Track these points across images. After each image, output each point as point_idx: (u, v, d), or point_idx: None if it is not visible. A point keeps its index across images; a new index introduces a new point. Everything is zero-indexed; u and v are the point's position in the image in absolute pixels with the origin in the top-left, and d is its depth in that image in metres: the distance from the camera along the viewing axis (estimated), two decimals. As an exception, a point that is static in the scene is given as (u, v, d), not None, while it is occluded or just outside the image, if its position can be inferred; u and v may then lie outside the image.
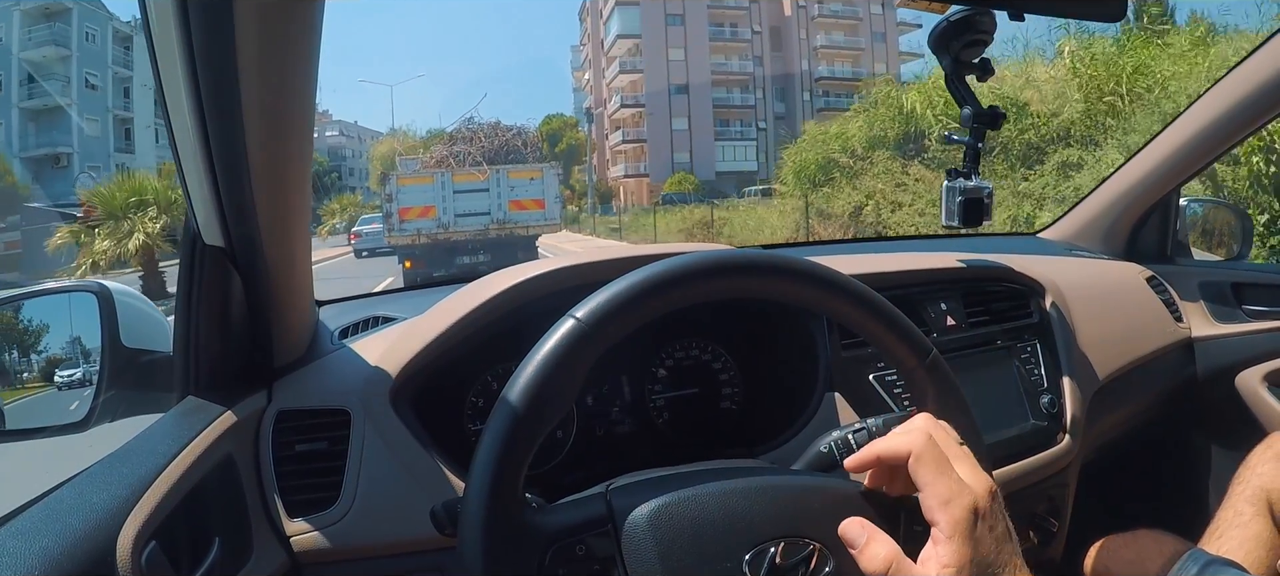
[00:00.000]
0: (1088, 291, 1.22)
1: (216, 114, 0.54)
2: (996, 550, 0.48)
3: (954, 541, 0.47)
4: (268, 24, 0.49)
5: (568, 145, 40.42)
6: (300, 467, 0.74)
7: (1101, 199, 1.49)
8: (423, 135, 45.19)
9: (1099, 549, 1.03)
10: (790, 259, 0.59)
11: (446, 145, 11.76)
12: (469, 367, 0.88)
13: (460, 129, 12.07)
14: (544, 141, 27.81)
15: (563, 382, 0.52)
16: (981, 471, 0.52)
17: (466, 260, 9.65)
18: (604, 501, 0.53)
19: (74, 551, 0.48)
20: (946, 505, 0.48)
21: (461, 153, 11.36)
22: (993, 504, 0.50)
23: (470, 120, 12.25)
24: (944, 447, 0.51)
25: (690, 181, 36.65)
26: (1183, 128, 1.29)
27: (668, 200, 28.61)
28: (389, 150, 30.73)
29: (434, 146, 12.09)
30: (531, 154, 12.03)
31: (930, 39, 0.95)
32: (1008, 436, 0.99)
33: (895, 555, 0.49)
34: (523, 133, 12.26)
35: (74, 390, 0.82)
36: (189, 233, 0.67)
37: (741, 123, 45.12)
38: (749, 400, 0.98)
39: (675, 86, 43.07)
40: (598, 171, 46.69)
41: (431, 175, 10.19)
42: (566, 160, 37.72)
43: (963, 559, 0.47)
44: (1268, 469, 0.98)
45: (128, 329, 0.80)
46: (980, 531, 0.48)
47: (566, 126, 43.34)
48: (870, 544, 0.50)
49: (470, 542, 0.49)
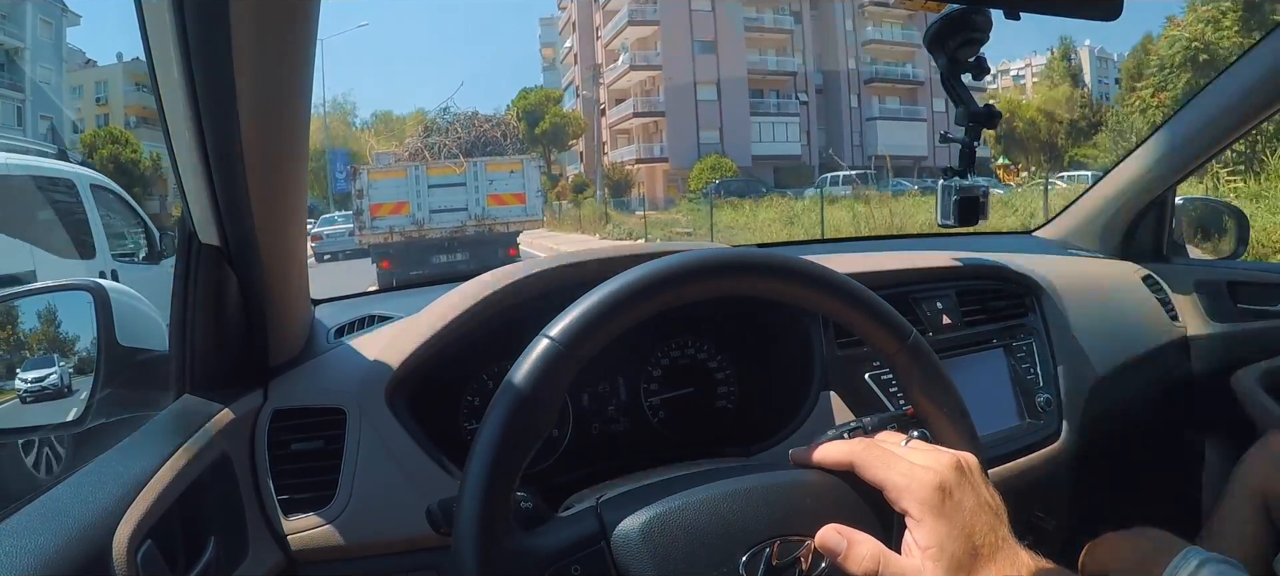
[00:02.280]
0: (1083, 290, 1.22)
1: (212, 112, 0.54)
2: (975, 519, 0.48)
3: (925, 521, 0.48)
4: (263, 21, 0.49)
5: (552, 125, 30.76)
6: (296, 466, 0.74)
7: (1097, 197, 1.49)
8: (366, 120, 39.19)
9: (1094, 547, 1.03)
10: (767, 255, 0.59)
11: (420, 137, 11.18)
12: (465, 366, 0.88)
13: (435, 119, 11.48)
14: (521, 121, 25.04)
15: (540, 406, 0.51)
16: (942, 450, 0.52)
17: (443, 259, 9.16)
18: (595, 517, 0.52)
19: (69, 550, 0.48)
20: (906, 490, 0.49)
21: (437, 144, 10.78)
22: (961, 476, 0.50)
23: (446, 110, 11.66)
24: (884, 444, 0.52)
25: (726, 167, 28.09)
26: (1178, 126, 1.29)
27: (724, 190, 21.56)
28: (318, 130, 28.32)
29: (407, 139, 11.53)
30: (511, 145, 11.45)
31: (925, 38, 0.96)
32: (1003, 435, 0.99)
33: (879, 552, 0.49)
34: (501, 123, 11.69)
35: (47, 402, 0.80)
36: (185, 231, 0.67)
37: (778, 94, 34.22)
38: (745, 399, 0.98)
39: (700, 42, 32.41)
40: (593, 161, 34.99)
41: (404, 169, 9.61)
42: (550, 143, 31.06)
43: (939, 536, 0.47)
44: (1263, 467, 0.98)
45: (123, 327, 0.80)
46: (950, 505, 0.48)
47: (547, 101, 32.14)
48: (852, 548, 0.49)
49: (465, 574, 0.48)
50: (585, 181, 32.81)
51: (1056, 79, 28.20)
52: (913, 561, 0.48)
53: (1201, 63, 14.46)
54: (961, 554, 0.47)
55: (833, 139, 34.00)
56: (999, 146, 25.96)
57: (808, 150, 33.63)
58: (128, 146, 23.68)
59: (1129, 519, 1.03)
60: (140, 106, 32.77)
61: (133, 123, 31.13)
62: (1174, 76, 15.27)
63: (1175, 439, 1.46)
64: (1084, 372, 1.12)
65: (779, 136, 33.82)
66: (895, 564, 0.48)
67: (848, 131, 34.16)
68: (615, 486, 0.58)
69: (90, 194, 4.16)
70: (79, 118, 30.74)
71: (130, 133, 26.42)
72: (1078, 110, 25.36)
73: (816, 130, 34.25)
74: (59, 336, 0.86)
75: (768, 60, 33.91)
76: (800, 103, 33.75)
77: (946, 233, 1.18)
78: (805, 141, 33.87)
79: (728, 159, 29.21)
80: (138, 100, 32.48)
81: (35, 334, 0.88)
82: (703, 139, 32.24)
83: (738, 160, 29.73)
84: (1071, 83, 27.75)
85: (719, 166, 27.74)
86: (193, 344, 0.71)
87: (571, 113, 33.87)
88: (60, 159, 4.32)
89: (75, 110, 31.15)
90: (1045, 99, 26.78)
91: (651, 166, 33.41)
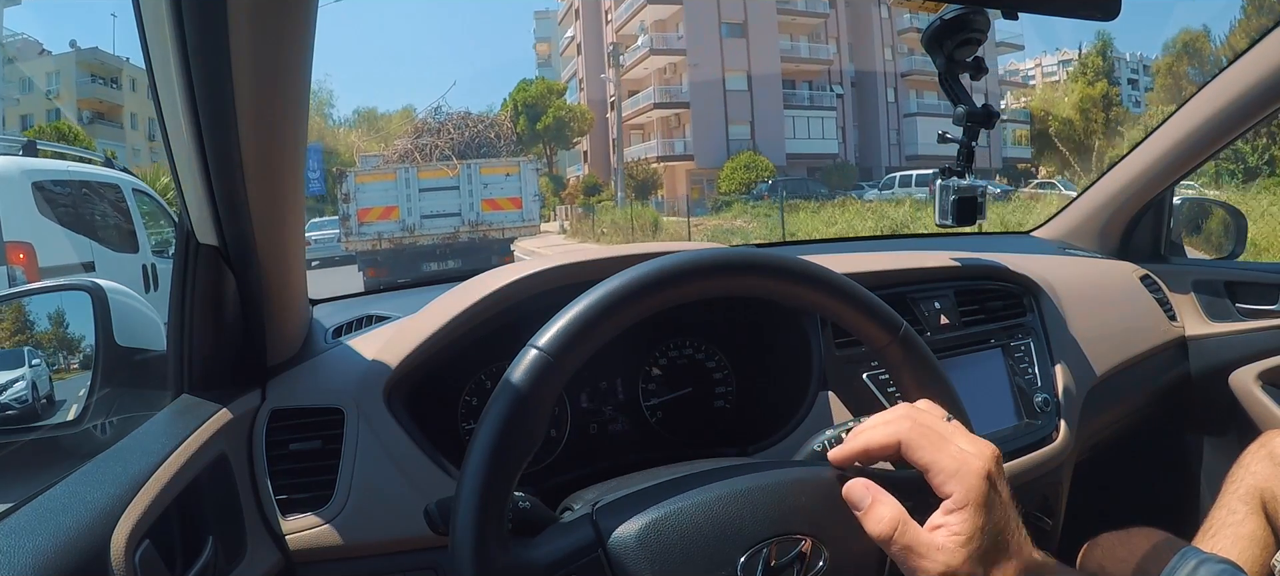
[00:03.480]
0: (1081, 290, 1.22)
1: (210, 112, 0.54)
2: (1006, 514, 0.48)
3: (968, 510, 0.47)
4: (261, 21, 0.49)
5: (554, 119, 27.36)
6: (294, 466, 0.74)
7: (1095, 197, 1.49)
8: (347, 117, 35.84)
9: (1093, 547, 1.03)
10: (756, 253, 0.59)
11: (411, 137, 10.80)
12: (463, 366, 0.88)
13: (427, 119, 11.12)
14: (521, 115, 23.85)
15: (530, 417, 0.51)
16: (980, 439, 0.51)
17: (434, 267, 8.67)
18: (591, 524, 0.52)
19: (67, 550, 0.48)
20: (954, 475, 0.48)
21: (428, 145, 10.30)
22: (1000, 470, 0.50)
23: (438, 109, 11.26)
24: (933, 425, 0.51)
25: (763, 166, 24.52)
26: (1176, 126, 1.30)
27: (785, 190, 17.55)
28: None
29: (394, 139, 11.01)
30: (505, 147, 10.95)
31: (923, 38, 0.96)
32: (1001, 435, 0.99)
33: (900, 516, 0.48)
34: (495, 123, 11.23)
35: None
36: (183, 231, 0.67)
37: (810, 86, 30.72)
38: (743, 399, 0.98)
39: (728, 25, 28.76)
40: (604, 159, 31.09)
41: (393, 171, 9.17)
42: (553, 141, 28.20)
43: (976, 525, 0.47)
44: (1261, 467, 0.99)
45: (121, 327, 0.80)
46: (991, 497, 0.48)
47: (550, 93, 28.58)
48: (875, 506, 0.49)
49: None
50: (597, 181, 29.18)
51: (1092, 75, 25.60)
52: (934, 538, 0.47)
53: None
54: (990, 547, 0.47)
55: (868, 136, 30.96)
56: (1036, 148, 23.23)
57: (844, 148, 30.43)
58: (78, 142, 18.83)
59: (1127, 518, 1.03)
60: (96, 100, 30.42)
61: (86, 118, 29.10)
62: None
63: (1173, 439, 1.46)
64: (1082, 373, 1.12)
65: (814, 132, 30.07)
66: (913, 532, 0.48)
67: (884, 128, 30.92)
68: (613, 492, 0.57)
69: (132, 196, 4.81)
70: (25, 114, 28.75)
71: (81, 128, 24.61)
72: (1113, 109, 23.84)
73: (852, 127, 30.97)
74: (59, 336, 0.86)
75: (800, 47, 30.44)
76: (836, 95, 30.44)
77: (945, 233, 1.18)
78: (841, 138, 30.60)
79: (763, 156, 25.76)
80: (93, 93, 30.35)
81: (36, 334, 0.88)
82: (732, 135, 28.52)
83: (771, 159, 26.22)
84: (1107, 80, 25.85)
85: (754, 165, 24.52)
86: (191, 344, 0.71)
87: (577, 106, 30.47)
88: (106, 166, 4.99)
89: (13, 102, 29.46)
90: (1083, 96, 24.71)
91: (672, 165, 29.45)
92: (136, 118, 31.61)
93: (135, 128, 31.79)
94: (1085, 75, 25.83)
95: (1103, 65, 26.02)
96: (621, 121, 28.18)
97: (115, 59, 31.26)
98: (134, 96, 31.19)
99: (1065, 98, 26.32)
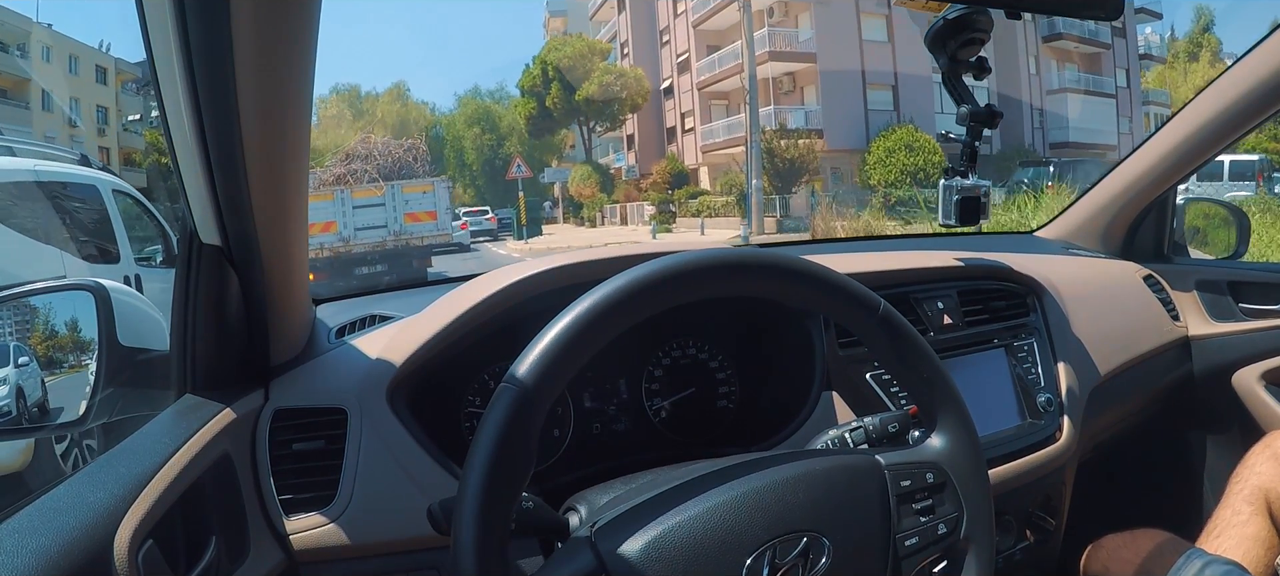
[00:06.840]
0: (1084, 290, 1.22)
1: (213, 112, 0.54)
2: None
3: None
4: (265, 20, 0.49)
5: (600, 85, 21.44)
6: (297, 466, 0.74)
7: (1098, 198, 1.49)
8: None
9: (1096, 548, 1.03)
10: (734, 253, 0.58)
11: (344, 163, 12.74)
12: (465, 366, 0.88)
13: (356, 146, 13.27)
14: (553, 82, 20.80)
15: (517, 448, 0.49)
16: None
17: (365, 271, 10.20)
18: (590, 548, 0.51)
19: (70, 550, 0.48)
20: None
21: (358, 170, 12.30)
22: None
23: (365, 139, 13.54)
24: None
25: (925, 146, 17.48)
26: (1179, 126, 1.29)
27: (1054, 180, 11.98)
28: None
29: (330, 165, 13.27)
30: (421, 168, 13.25)
31: (926, 38, 0.95)
32: (1005, 434, 0.99)
33: None
34: (414, 148, 13.56)
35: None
36: (186, 231, 0.67)
37: None
38: (746, 399, 0.98)
39: None
40: (656, 144, 24.06)
41: (332, 192, 10.77)
42: (594, 116, 22.58)
43: None
44: (1265, 468, 0.98)
45: (124, 327, 0.80)
46: None
47: (591, 53, 22.54)
48: None
49: None
50: (682, 168, 22.25)
51: (1210, 56, 22.57)
52: None
53: None
54: None
55: (1010, 117, 20.85)
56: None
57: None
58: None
59: (1130, 519, 1.03)
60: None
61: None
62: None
63: (1176, 439, 1.46)
64: (1085, 372, 1.11)
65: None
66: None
67: (1028, 109, 22.00)
68: (613, 507, 0.56)
69: (112, 199, 4.10)
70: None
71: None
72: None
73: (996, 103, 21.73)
74: (59, 337, 0.86)
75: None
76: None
77: (948, 232, 1.18)
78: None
79: (924, 133, 18.01)
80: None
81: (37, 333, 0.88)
82: (872, 104, 19.84)
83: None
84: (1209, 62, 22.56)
85: (917, 146, 17.45)
86: (194, 343, 0.71)
87: (630, 70, 23.33)
88: (82, 165, 4.23)
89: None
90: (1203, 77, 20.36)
91: (809, 141, 19.55)
92: (51, 98, 21.58)
93: (49, 109, 21.45)
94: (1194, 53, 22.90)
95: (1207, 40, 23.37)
96: (749, 78, 16.95)
97: (19, 17, 20.68)
98: (48, 69, 21.50)
99: (1185, 78, 22.73)
